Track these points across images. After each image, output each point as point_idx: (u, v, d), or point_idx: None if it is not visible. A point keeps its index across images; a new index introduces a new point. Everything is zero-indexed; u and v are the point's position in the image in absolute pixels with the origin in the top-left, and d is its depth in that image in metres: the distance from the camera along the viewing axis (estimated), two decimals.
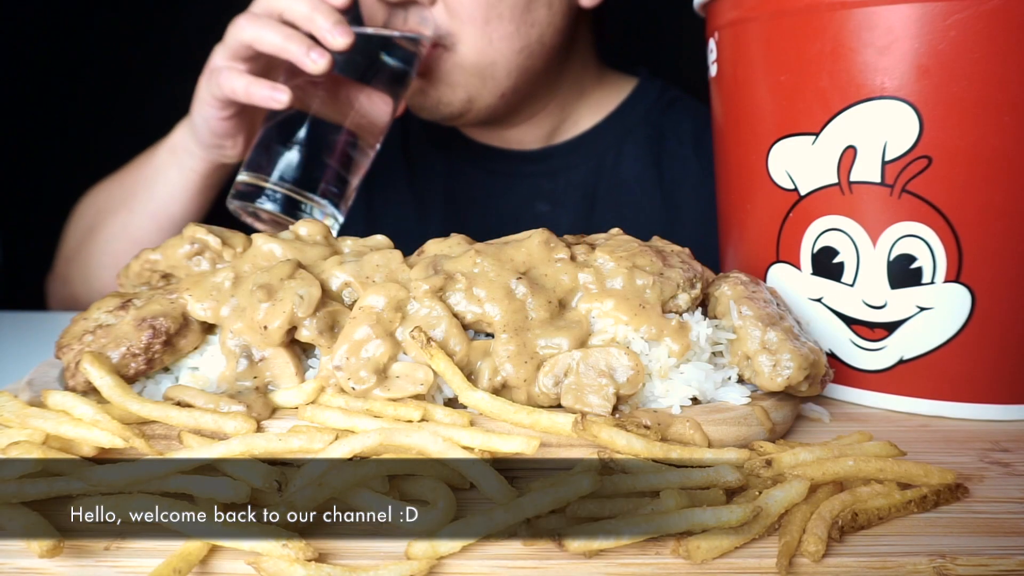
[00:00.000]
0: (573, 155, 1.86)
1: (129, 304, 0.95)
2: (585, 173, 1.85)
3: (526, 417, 0.84)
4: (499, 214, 1.86)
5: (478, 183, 1.87)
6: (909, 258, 1.00)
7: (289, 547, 0.68)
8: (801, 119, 1.04)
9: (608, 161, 1.85)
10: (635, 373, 0.88)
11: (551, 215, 1.84)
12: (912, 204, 0.99)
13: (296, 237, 1.03)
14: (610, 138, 1.86)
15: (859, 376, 1.08)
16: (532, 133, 1.84)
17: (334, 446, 0.78)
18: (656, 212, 1.83)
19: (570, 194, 1.85)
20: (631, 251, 0.98)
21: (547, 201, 1.85)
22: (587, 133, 1.87)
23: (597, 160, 1.85)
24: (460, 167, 1.88)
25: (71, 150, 3.34)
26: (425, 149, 1.91)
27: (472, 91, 1.58)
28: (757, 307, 0.96)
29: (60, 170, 3.56)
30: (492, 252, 0.96)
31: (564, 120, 1.86)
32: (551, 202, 1.85)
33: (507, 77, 1.60)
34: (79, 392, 0.88)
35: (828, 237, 1.05)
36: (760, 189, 1.11)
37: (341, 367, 0.88)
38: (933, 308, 1.01)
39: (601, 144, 1.86)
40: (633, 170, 1.84)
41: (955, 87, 0.94)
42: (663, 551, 0.72)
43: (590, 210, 1.84)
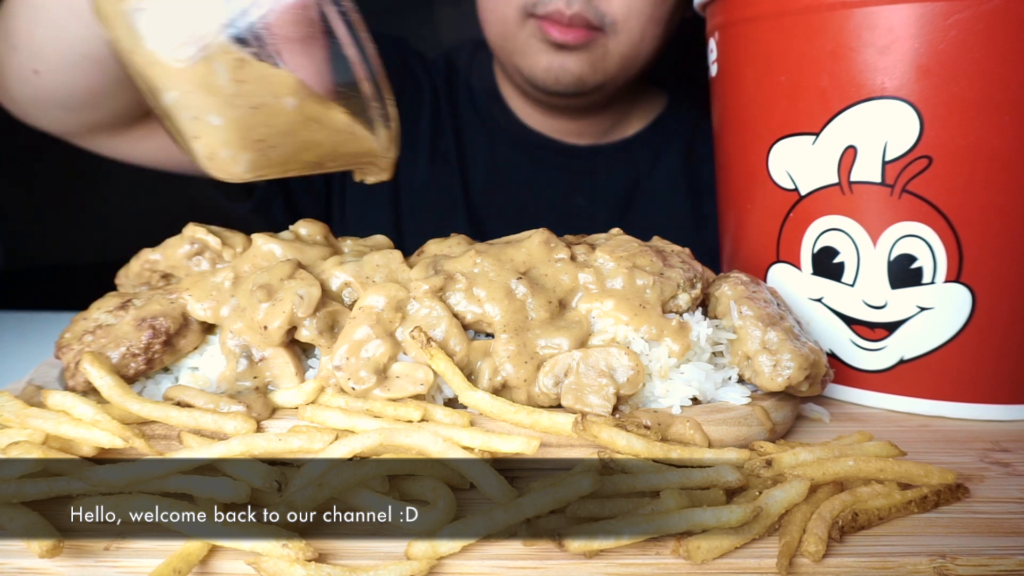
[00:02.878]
0: (617, 157, 1.92)
1: (129, 304, 0.95)
2: (624, 176, 1.92)
3: (526, 417, 0.84)
4: (537, 202, 1.91)
5: (520, 168, 1.92)
6: (909, 258, 1.00)
7: (289, 547, 0.68)
8: (801, 119, 1.04)
9: (646, 167, 1.93)
10: (635, 373, 0.88)
11: (587, 210, 1.90)
12: (912, 204, 0.99)
13: (296, 237, 1.03)
14: (651, 145, 1.94)
15: (859, 376, 1.08)
16: (589, 128, 1.90)
17: (334, 446, 0.78)
18: (685, 219, 1.90)
19: (608, 193, 1.92)
20: (631, 251, 0.98)
21: (585, 197, 1.91)
22: (632, 138, 1.94)
23: (637, 165, 1.93)
24: (505, 151, 1.92)
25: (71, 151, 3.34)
26: (473, 127, 1.94)
27: (609, 77, 1.68)
28: (757, 307, 0.96)
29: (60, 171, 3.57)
30: (492, 252, 0.96)
31: (617, 123, 1.93)
32: (588, 198, 1.91)
33: (636, 72, 1.72)
34: (79, 392, 0.88)
35: (828, 237, 1.05)
36: (760, 189, 1.11)
37: (341, 367, 0.88)
38: (933, 308, 1.01)
39: (643, 150, 1.93)
40: (667, 178, 1.92)
41: (955, 87, 0.94)
42: (663, 551, 0.72)
43: (624, 211, 1.91)
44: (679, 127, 1.95)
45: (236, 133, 0.84)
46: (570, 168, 1.91)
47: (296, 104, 0.84)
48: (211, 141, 0.84)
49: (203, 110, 0.82)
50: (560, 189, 1.91)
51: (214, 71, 0.80)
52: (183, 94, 0.81)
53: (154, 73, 0.81)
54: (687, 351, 0.92)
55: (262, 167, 0.89)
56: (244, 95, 0.81)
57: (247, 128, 0.84)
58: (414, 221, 1.87)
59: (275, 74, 0.82)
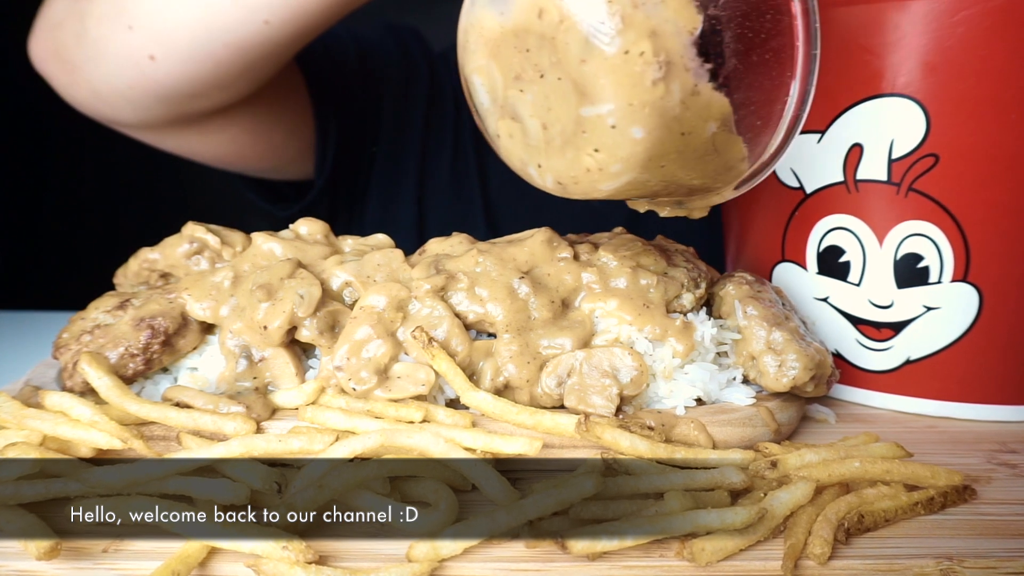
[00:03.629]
0: None
1: (127, 304, 0.95)
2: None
3: (528, 418, 0.84)
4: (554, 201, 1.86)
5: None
6: (916, 257, 1.00)
7: (289, 549, 0.68)
8: None
9: None
10: (639, 374, 0.88)
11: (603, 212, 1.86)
12: (919, 203, 0.98)
13: (296, 236, 1.03)
14: None
15: (865, 376, 1.08)
16: None
17: (334, 447, 0.78)
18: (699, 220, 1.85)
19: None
20: (635, 250, 0.98)
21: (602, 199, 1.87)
22: None
23: None
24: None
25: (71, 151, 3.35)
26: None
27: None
28: (762, 307, 0.96)
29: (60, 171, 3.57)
30: (494, 251, 0.96)
31: None
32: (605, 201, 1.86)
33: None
34: (77, 393, 0.88)
35: (834, 236, 1.05)
36: (765, 187, 1.10)
37: (342, 367, 0.88)
38: (940, 308, 1.01)
39: None
40: None
41: (963, 84, 0.94)
42: (667, 553, 0.72)
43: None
44: None
45: (649, 151, 0.74)
46: None
47: (714, 130, 0.75)
48: (612, 155, 0.75)
49: (630, 121, 0.72)
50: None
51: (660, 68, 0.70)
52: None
53: (605, 83, 0.71)
54: (691, 351, 0.92)
55: (630, 190, 0.81)
56: (682, 117, 0.73)
57: (662, 147, 0.74)
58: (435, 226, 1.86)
59: (715, 98, 0.73)
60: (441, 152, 1.87)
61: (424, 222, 1.85)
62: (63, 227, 3.70)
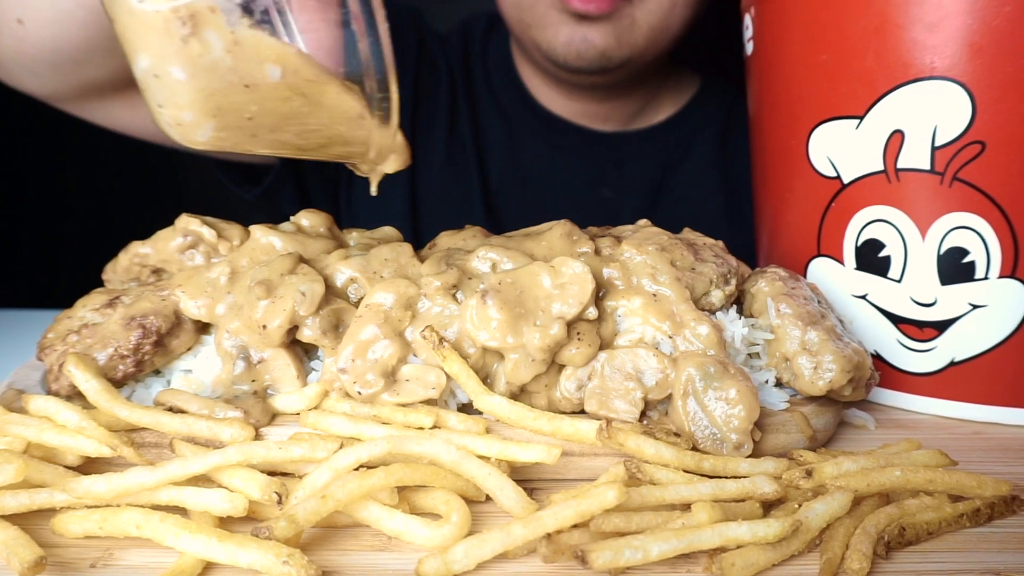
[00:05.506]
0: (646, 145, 1.92)
1: (117, 301, 0.95)
2: (654, 165, 1.92)
3: (547, 424, 0.84)
4: (557, 193, 1.90)
5: (540, 156, 1.91)
6: (961, 251, 1.00)
7: (290, 564, 0.68)
8: (844, 101, 1.03)
9: (677, 156, 1.93)
10: (664, 376, 0.88)
11: (613, 202, 1.90)
12: (964, 193, 0.98)
13: (298, 229, 1.03)
14: (681, 133, 1.93)
15: (907, 379, 1.08)
16: (616, 113, 1.90)
17: (338, 455, 0.78)
18: (719, 211, 1.90)
19: (635, 184, 1.91)
20: (660, 244, 0.97)
21: (611, 188, 1.90)
22: (661, 124, 1.94)
23: (667, 153, 1.92)
24: (524, 138, 1.91)
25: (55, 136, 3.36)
26: (490, 111, 1.94)
27: (637, 51, 1.66)
28: (796, 305, 0.96)
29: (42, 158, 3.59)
30: (510, 245, 0.96)
31: (645, 107, 1.92)
32: (615, 189, 1.90)
33: (666, 47, 1.70)
34: (63, 397, 0.89)
35: (873, 229, 1.04)
36: (800, 177, 1.11)
37: (346, 369, 0.88)
38: (987, 305, 1.01)
39: (673, 138, 1.93)
40: (700, 167, 1.92)
41: (1010, 67, 0.94)
42: (695, 569, 0.72)
43: (653, 203, 1.90)
44: (713, 112, 1.94)
45: (200, 94, 0.82)
46: (594, 156, 1.90)
47: (280, 75, 0.83)
48: (173, 101, 0.84)
49: (164, 63, 0.81)
50: (584, 179, 1.90)
51: (185, 23, 0.79)
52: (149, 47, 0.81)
53: (129, 24, 0.80)
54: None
55: (228, 139, 0.88)
56: (228, 59, 0.81)
57: (213, 91, 0.82)
58: (429, 211, 1.86)
59: (262, 40, 0.81)
60: (432, 133, 1.89)
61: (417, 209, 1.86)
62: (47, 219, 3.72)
